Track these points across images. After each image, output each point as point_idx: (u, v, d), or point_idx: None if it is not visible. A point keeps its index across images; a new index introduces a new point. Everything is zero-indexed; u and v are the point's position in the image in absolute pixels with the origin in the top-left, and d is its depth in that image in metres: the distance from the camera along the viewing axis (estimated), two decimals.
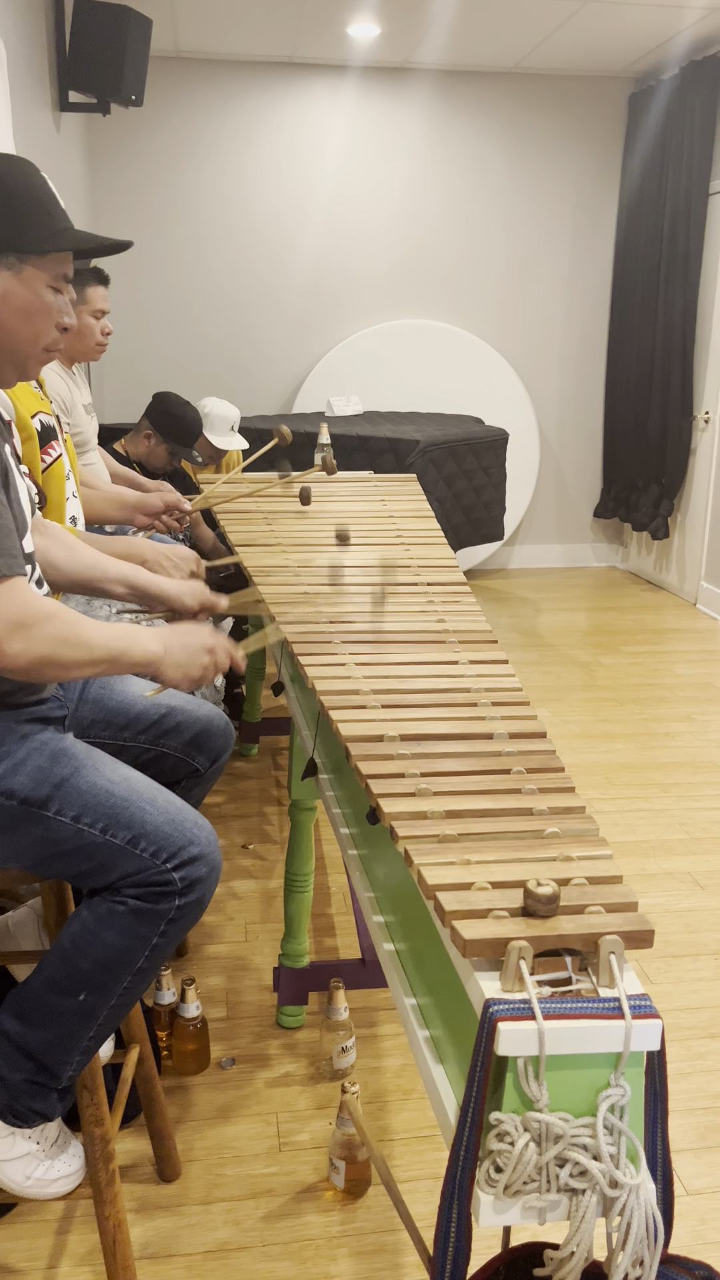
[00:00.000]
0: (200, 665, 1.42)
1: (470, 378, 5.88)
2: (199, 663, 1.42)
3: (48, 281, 1.37)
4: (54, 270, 1.37)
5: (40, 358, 1.42)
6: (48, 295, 1.37)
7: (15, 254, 1.33)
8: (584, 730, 3.75)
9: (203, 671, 1.42)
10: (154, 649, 1.38)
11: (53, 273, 1.37)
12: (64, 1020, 1.35)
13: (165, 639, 1.40)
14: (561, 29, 4.81)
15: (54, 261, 1.37)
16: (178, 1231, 1.64)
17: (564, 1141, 0.91)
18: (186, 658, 1.41)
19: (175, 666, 1.40)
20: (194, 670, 1.42)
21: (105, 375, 5.64)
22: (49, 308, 1.38)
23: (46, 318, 1.38)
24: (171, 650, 1.40)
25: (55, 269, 1.38)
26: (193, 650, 1.42)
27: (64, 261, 1.39)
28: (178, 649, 1.40)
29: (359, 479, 2.83)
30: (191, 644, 1.42)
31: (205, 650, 1.43)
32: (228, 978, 2.29)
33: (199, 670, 1.42)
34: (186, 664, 1.41)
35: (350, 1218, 1.67)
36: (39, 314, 1.37)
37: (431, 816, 1.18)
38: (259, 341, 5.80)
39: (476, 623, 1.80)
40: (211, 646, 1.44)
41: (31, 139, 3.46)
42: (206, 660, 1.43)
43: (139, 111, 5.37)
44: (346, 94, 5.50)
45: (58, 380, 2.46)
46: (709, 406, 5.35)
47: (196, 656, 1.42)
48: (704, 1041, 2.10)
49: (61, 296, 1.40)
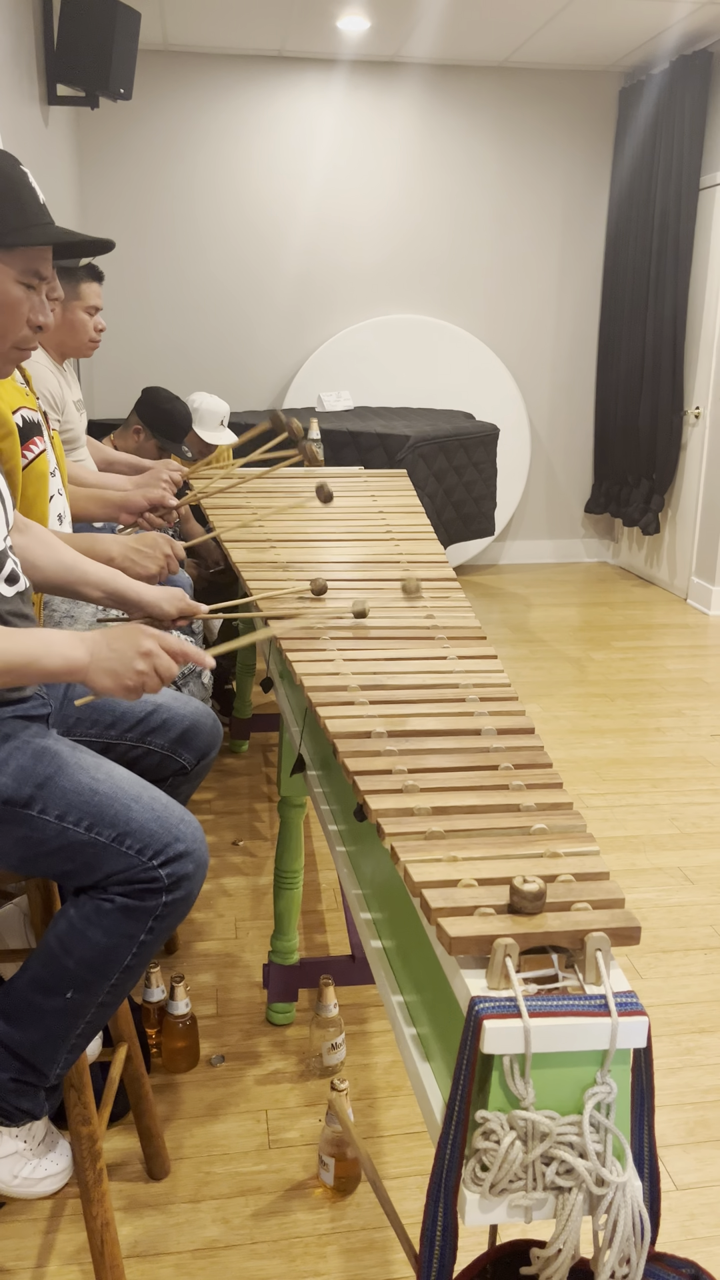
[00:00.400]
0: (135, 671, 1.28)
1: (461, 373, 5.88)
2: (133, 668, 1.27)
3: (16, 276, 1.34)
4: (23, 265, 1.34)
5: (9, 355, 1.40)
6: (15, 290, 1.34)
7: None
8: (575, 725, 3.75)
9: (139, 679, 1.28)
10: (75, 655, 1.27)
11: (22, 268, 1.34)
12: (50, 1019, 1.35)
13: (92, 643, 1.29)
14: (551, 23, 4.80)
15: (24, 256, 1.34)
16: (166, 1230, 1.63)
17: (550, 1139, 0.91)
18: (118, 664, 1.28)
19: (106, 674, 1.28)
20: (128, 678, 1.28)
21: (94, 370, 5.62)
22: (15, 304, 1.35)
23: (12, 314, 1.35)
24: (99, 657, 1.28)
25: (25, 264, 1.35)
26: (125, 656, 1.28)
27: (36, 257, 1.36)
28: (106, 655, 1.28)
29: (349, 474, 2.82)
30: (123, 649, 1.28)
31: (140, 655, 1.28)
32: (217, 975, 2.28)
33: (135, 678, 1.28)
34: (119, 671, 1.28)
35: (340, 1215, 1.67)
36: (4, 310, 1.34)
37: (418, 813, 1.18)
38: (249, 336, 5.78)
39: (465, 619, 1.79)
40: (148, 650, 1.29)
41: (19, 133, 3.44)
42: (142, 665, 1.28)
43: (127, 105, 5.34)
44: (336, 88, 5.48)
45: (49, 376, 2.45)
46: (699, 402, 5.35)
47: (130, 662, 1.28)
48: (693, 1036, 2.10)
49: (34, 294, 1.38)
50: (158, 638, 1.30)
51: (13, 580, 1.45)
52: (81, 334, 2.57)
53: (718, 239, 5.13)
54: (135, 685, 1.28)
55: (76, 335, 2.56)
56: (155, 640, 1.29)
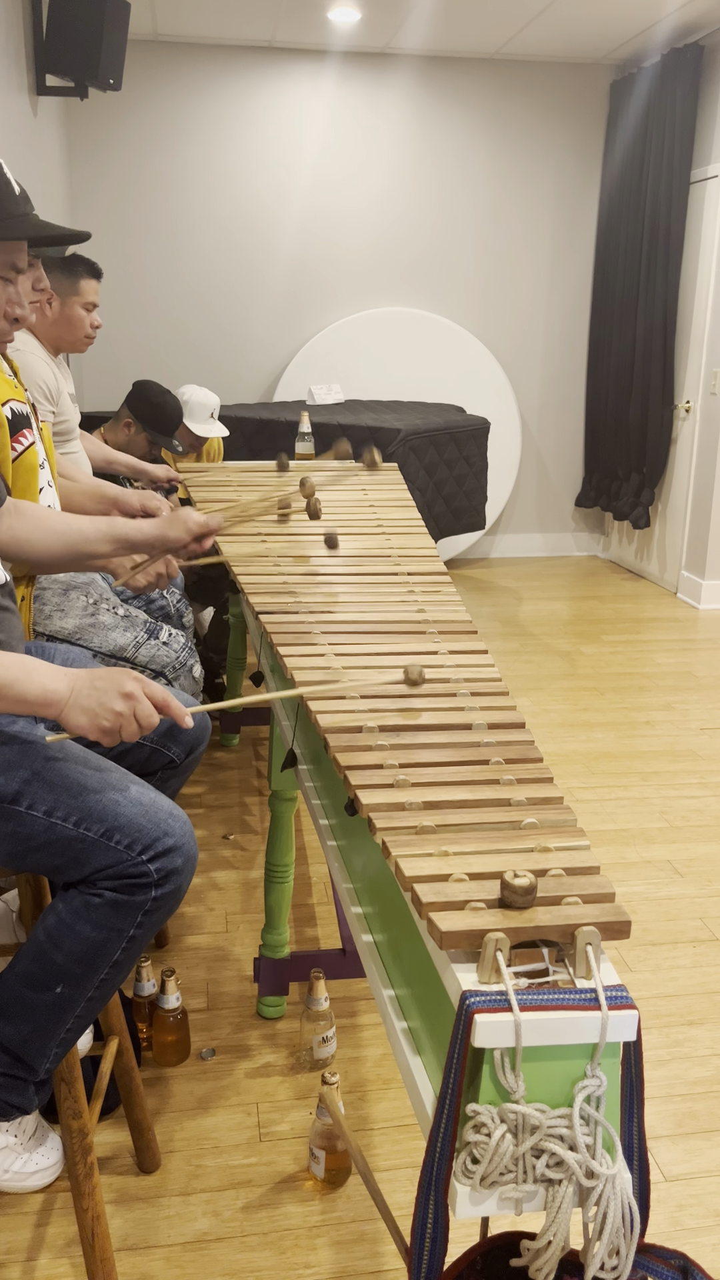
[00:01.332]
0: (114, 713, 1.22)
1: (451, 366, 5.87)
2: (112, 709, 1.22)
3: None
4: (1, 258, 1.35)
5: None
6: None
7: None
8: (564, 719, 3.76)
9: (117, 720, 1.22)
10: (54, 687, 1.22)
11: None
12: (40, 1014, 1.35)
13: (74, 679, 1.24)
14: (543, 15, 4.79)
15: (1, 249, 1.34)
16: (157, 1223, 1.64)
17: (540, 1132, 0.91)
18: (96, 703, 1.22)
19: (82, 711, 1.22)
20: (105, 719, 1.22)
21: (84, 363, 5.60)
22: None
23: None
24: (79, 693, 1.23)
25: (2, 257, 1.34)
26: (105, 696, 1.22)
27: (12, 250, 1.35)
28: (86, 693, 1.23)
29: (340, 468, 2.82)
30: (104, 688, 1.23)
31: (122, 696, 1.22)
32: (208, 968, 2.28)
33: (113, 720, 1.22)
34: (97, 710, 1.22)
35: (330, 1207, 1.67)
36: None
37: (409, 808, 1.18)
38: (240, 329, 5.76)
39: (456, 613, 1.79)
40: (130, 692, 1.23)
41: (8, 123, 3.42)
42: (121, 707, 1.22)
43: (117, 96, 5.31)
44: (327, 79, 5.46)
45: (43, 368, 2.45)
46: (690, 396, 5.36)
47: (110, 702, 1.22)
48: (682, 1029, 2.11)
49: (11, 286, 1.37)
50: (142, 683, 1.25)
51: None
52: (78, 329, 2.57)
53: (709, 232, 5.13)
54: (112, 727, 1.23)
55: (73, 330, 2.57)
56: (140, 685, 1.24)
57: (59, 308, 2.53)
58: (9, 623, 1.51)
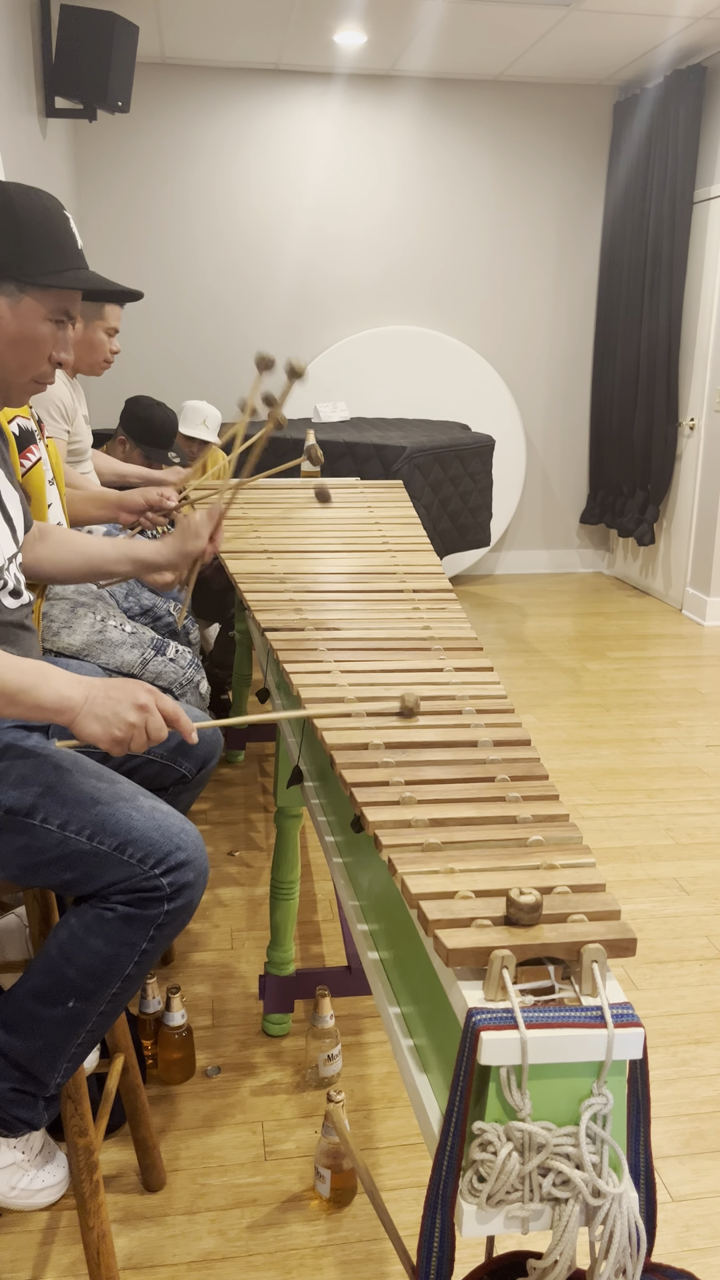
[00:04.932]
0: (126, 723, 1.24)
1: (457, 384, 5.90)
2: (125, 719, 1.24)
3: (46, 315, 1.38)
4: (54, 305, 1.39)
5: (26, 388, 1.43)
6: (43, 328, 1.38)
7: (15, 283, 1.35)
8: (570, 736, 3.76)
9: (129, 731, 1.24)
10: (70, 694, 1.24)
11: (53, 307, 1.38)
12: (51, 1028, 1.35)
13: (89, 687, 1.26)
14: (545, 38, 4.83)
15: (56, 297, 1.38)
16: (162, 1242, 1.63)
17: (547, 1151, 0.92)
18: (110, 712, 1.24)
19: (95, 719, 1.24)
20: (117, 729, 1.24)
21: (90, 381, 5.63)
22: (41, 340, 1.39)
23: (36, 350, 1.39)
24: (93, 701, 1.25)
25: (56, 304, 1.39)
26: (119, 706, 1.24)
27: (68, 298, 1.40)
28: (101, 701, 1.24)
29: (345, 485, 2.83)
30: (119, 698, 1.25)
31: (136, 707, 1.25)
32: (213, 986, 2.28)
33: (125, 730, 1.24)
34: (110, 719, 1.24)
35: (336, 1227, 1.67)
36: (29, 345, 1.38)
37: (415, 825, 1.18)
38: (246, 347, 5.80)
39: (461, 629, 1.80)
40: (143, 704, 1.25)
41: (18, 145, 3.45)
42: (134, 718, 1.24)
43: (125, 118, 5.37)
44: (333, 101, 5.51)
45: (63, 388, 2.48)
46: (694, 413, 5.38)
47: (124, 713, 1.24)
48: (689, 1048, 2.11)
49: (62, 332, 1.41)
50: (155, 695, 1.27)
51: (16, 594, 1.46)
52: (98, 353, 2.62)
53: (711, 251, 5.16)
54: (124, 737, 1.25)
55: (94, 354, 2.61)
56: (153, 697, 1.26)
57: (82, 330, 2.58)
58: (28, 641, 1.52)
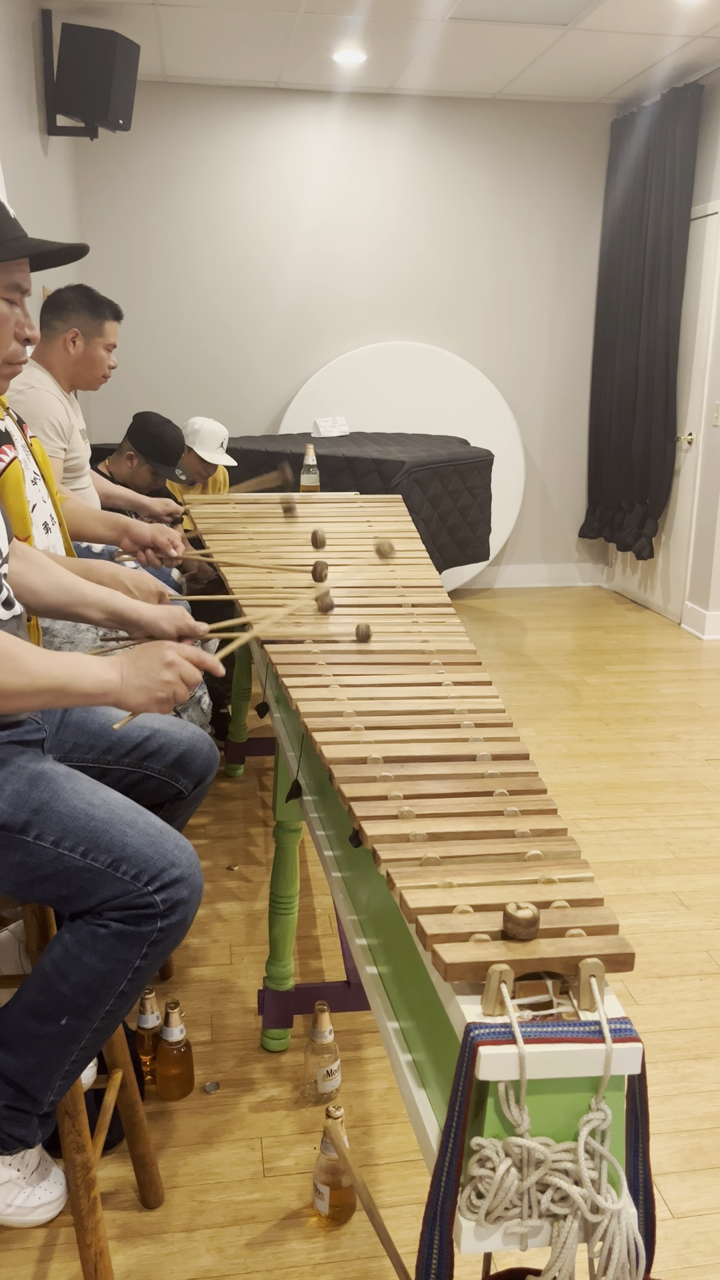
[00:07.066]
0: (163, 682, 1.32)
1: (456, 399, 5.92)
2: (161, 679, 1.32)
3: None
4: (4, 280, 1.39)
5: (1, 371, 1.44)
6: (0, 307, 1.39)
7: None
8: (569, 750, 3.76)
9: (168, 689, 1.32)
10: (108, 678, 1.31)
11: (3, 283, 1.39)
12: (45, 1045, 1.35)
13: (120, 665, 1.32)
14: (543, 57, 4.87)
15: (3, 271, 1.38)
16: (160, 1259, 1.62)
17: (545, 1166, 0.91)
18: (146, 679, 1.32)
19: (137, 690, 1.31)
20: (159, 691, 1.32)
21: (90, 396, 5.65)
22: (3, 319, 1.39)
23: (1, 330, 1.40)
24: (128, 676, 1.32)
25: (6, 279, 1.39)
26: (151, 669, 1.32)
27: (15, 271, 1.40)
28: (134, 673, 1.32)
29: (344, 499, 2.84)
30: (148, 664, 1.33)
31: (165, 665, 1.33)
32: (212, 1001, 2.28)
33: (164, 689, 1.32)
34: (149, 685, 1.31)
35: (334, 1244, 1.66)
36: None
37: (414, 839, 1.18)
38: (245, 363, 5.82)
39: (460, 643, 1.80)
40: (171, 660, 1.33)
41: (20, 162, 3.48)
42: (169, 676, 1.32)
43: (126, 136, 5.41)
44: (332, 119, 5.55)
45: (56, 405, 2.50)
46: (692, 428, 5.40)
47: (157, 674, 1.32)
48: (689, 1063, 2.10)
49: (16, 309, 1.42)
50: (176, 647, 1.35)
51: (9, 605, 1.46)
52: (97, 369, 2.66)
53: (709, 268, 5.19)
54: (166, 696, 1.33)
55: (93, 370, 2.65)
56: (175, 650, 1.34)
57: (83, 347, 2.61)
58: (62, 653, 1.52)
